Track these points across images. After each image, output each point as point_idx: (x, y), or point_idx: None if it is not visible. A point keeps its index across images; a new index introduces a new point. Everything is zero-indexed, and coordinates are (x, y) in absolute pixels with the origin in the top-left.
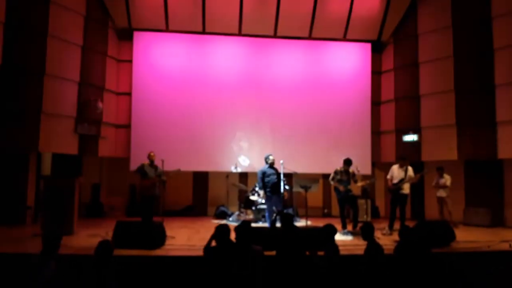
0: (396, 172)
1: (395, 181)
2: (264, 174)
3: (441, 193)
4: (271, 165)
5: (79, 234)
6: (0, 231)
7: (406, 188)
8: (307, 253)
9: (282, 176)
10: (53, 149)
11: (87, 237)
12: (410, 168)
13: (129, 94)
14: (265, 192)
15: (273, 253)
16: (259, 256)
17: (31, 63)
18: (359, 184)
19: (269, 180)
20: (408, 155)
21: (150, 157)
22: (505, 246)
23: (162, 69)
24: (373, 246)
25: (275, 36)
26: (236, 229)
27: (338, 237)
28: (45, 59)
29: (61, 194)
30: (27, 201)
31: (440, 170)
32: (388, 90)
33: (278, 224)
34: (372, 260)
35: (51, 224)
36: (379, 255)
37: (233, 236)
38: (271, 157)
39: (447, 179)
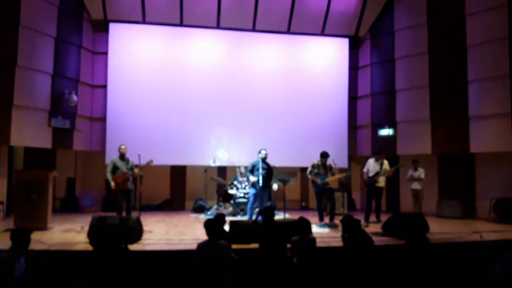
0: (372, 165)
1: (370, 174)
2: (253, 167)
3: (416, 185)
4: (263, 160)
5: (53, 229)
6: None
7: (381, 181)
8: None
9: (261, 170)
10: (25, 143)
11: (61, 233)
12: (385, 162)
13: (104, 86)
14: (253, 184)
15: (252, 246)
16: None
17: (1, 54)
18: (336, 177)
19: (258, 174)
20: (384, 149)
21: (120, 151)
22: (476, 237)
23: (139, 62)
24: (355, 238)
25: (253, 30)
26: (209, 222)
27: (315, 229)
28: (17, 50)
29: (34, 188)
30: None
31: (416, 162)
32: (364, 85)
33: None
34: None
35: (23, 220)
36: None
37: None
38: (263, 152)
39: (421, 172)
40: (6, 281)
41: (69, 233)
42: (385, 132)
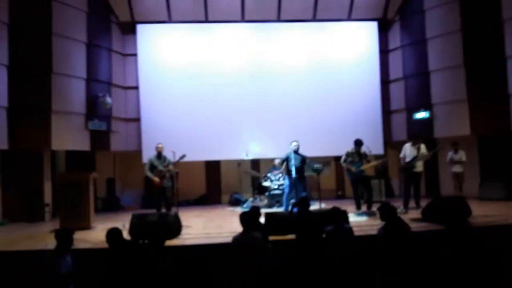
0: (408, 150)
1: (408, 159)
2: (287, 158)
3: (457, 168)
4: (295, 151)
5: (96, 228)
6: (20, 228)
7: (419, 166)
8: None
9: (294, 161)
10: (65, 146)
11: (104, 231)
12: (422, 146)
13: (136, 87)
14: (289, 176)
15: (289, 237)
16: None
17: (37, 63)
18: (371, 164)
19: (291, 165)
20: (420, 133)
21: (157, 149)
22: None
23: (168, 60)
24: (392, 226)
25: (278, 20)
26: (243, 214)
27: (353, 218)
28: (51, 58)
29: (75, 190)
30: (44, 198)
31: (456, 145)
32: (396, 68)
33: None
34: (392, 240)
35: (68, 220)
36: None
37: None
38: (293, 143)
39: (462, 154)
40: (53, 278)
41: None
42: (421, 115)
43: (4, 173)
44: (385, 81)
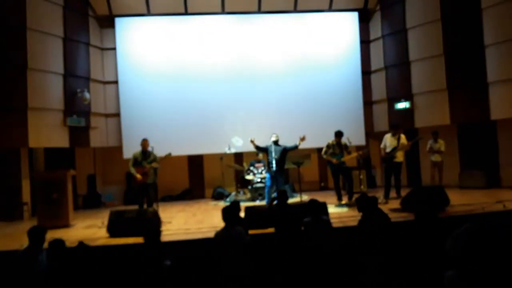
0: (389, 140)
1: (388, 150)
2: (266, 150)
3: (436, 157)
4: (275, 143)
5: (76, 226)
6: None
7: (399, 156)
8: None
9: (275, 154)
10: (43, 144)
11: (83, 229)
12: (403, 136)
13: (115, 82)
14: (268, 169)
15: (269, 231)
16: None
17: (11, 58)
18: (353, 155)
19: (271, 158)
20: (401, 123)
21: (141, 145)
22: (499, 207)
23: (147, 54)
24: (368, 217)
25: (259, 11)
26: (224, 210)
27: (333, 209)
28: (26, 53)
29: (53, 188)
30: (22, 197)
31: (435, 134)
32: (377, 59)
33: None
34: (367, 230)
35: (46, 218)
36: (377, 225)
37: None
38: (273, 135)
39: (441, 144)
40: (26, 276)
41: (91, 229)
42: (402, 105)
43: None
44: (366, 72)
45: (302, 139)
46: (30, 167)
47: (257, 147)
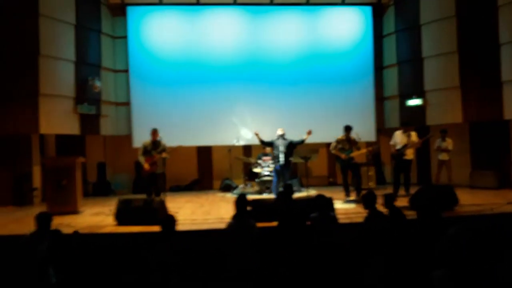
0: (399, 137)
1: (398, 147)
2: (272, 144)
3: (443, 156)
4: (281, 137)
5: (84, 213)
6: (8, 212)
7: (409, 154)
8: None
9: (282, 148)
10: (54, 130)
11: (91, 216)
12: (413, 133)
13: (126, 71)
14: (274, 163)
15: (274, 224)
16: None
17: (24, 45)
18: (362, 151)
19: (277, 152)
20: (413, 120)
21: (151, 134)
22: (509, 208)
23: (158, 43)
24: (374, 214)
25: (271, 3)
26: (238, 202)
27: (341, 205)
28: (38, 40)
29: (62, 174)
30: (32, 183)
31: (443, 133)
32: (390, 54)
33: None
34: (372, 227)
35: (55, 204)
36: (380, 223)
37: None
38: (279, 130)
39: (449, 143)
40: (30, 260)
41: (99, 216)
42: (413, 102)
43: None
44: (378, 67)
45: (309, 133)
46: (41, 154)
47: (262, 141)
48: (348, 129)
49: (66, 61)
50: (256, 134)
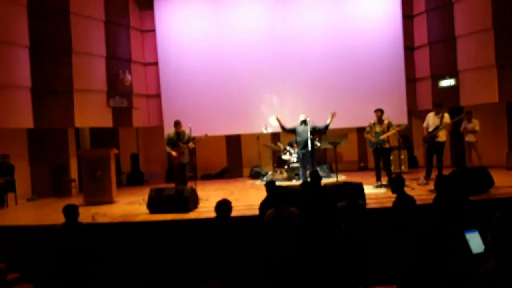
0: (431, 119)
1: (430, 129)
2: (294, 131)
3: (470, 137)
4: (302, 122)
5: (118, 202)
6: (48, 204)
7: (442, 136)
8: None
9: (309, 133)
10: (88, 124)
11: (125, 205)
12: (446, 115)
13: (156, 63)
14: (299, 150)
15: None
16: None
17: (57, 42)
18: (390, 132)
19: (299, 139)
20: (446, 101)
21: (174, 126)
22: None
23: (186, 35)
24: (402, 199)
25: None
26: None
27: (371, 190)
28: (71, 37)
29: (97, 165)
30: (70, 174)
31: (469, 114)
32: (421, 34)
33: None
34: (400, 212)
35: (91, 195)
36: (408, 207)
37: None
38: (301, 116)
39: (475, 124)
40: (61, 250)
41: (133, 205)
42: (446, 82)
43: (32, 150)
44: (409, 48)
45: (333, 115)
46: (77, 147)
47: (283, 128)
48: (377, 111)
49: (98, 56)
50: (278, 120)
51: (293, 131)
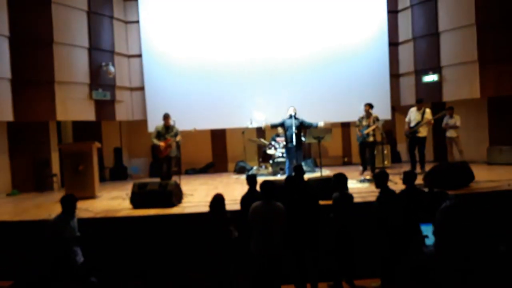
0: (413, 115)
1: (412, 124)
2: (283, 125)
3: (451, 133)
4: (291, 116)
5: (101, 197)
6: (29, 198)
7: (423, 131)
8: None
9: (294, 128)
10: (70, 117)
11: (108, 200)
12: (427, 111)
13: (139, 55)
14: (286, 144)
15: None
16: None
17: (38, 32)
18: (371, 127)
19: (289, 133)
20: (429, 97)
21: (163, 119)
22: None
23: (171, 28)
24: (385, 193)
25: None
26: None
27: (354, 184)
28: (52, 27)
29: (79, 160)
30: (51, 168)
31: (450, 109)
32: (405, 29)
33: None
34: (384, 207)
35: (73, 189)
36: (392, 202)
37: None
38: (290, 109)
39: (456, 119)
40: (58, 242)
41: (116, 200)
42: (430, 78)
43: (12, 144)
44: (393, 43)
45: (327, 126)
46: (59, 140)
47: (273, 125)
48: (366, 105)
49: (80, 47)
50: (268, 127)
51: (281, 124)
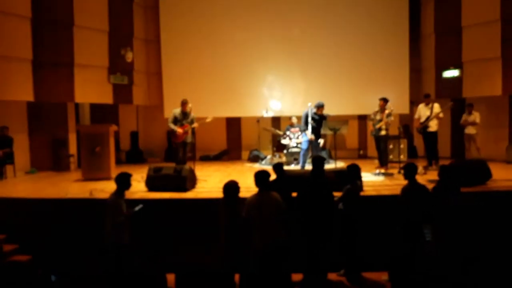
0: (422, 110)
1: (422, 120)
2: (306, 117)
3: (470, 130)
4: (314, 112)
5: None
6: (46, 177)
7: (433, 126)
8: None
9: (309, 120)
10: (88, 99)
11: None
12: (436, 105)
13: (158, 41)
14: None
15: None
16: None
17: (59, 14)
18: (383, 122)
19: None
20: (449, 92)
21: (182, 105)
22: None
23: (190, 13)
24: (413, 186)
25: None
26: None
27: (369, 177)
28: (72, 10)
29: (96, 141)
30: (69, 149)
31: (470, 106)
32: (427, 23)
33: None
34: (410, 200)
35: (89, 170)
36: (420, 195)
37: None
38: (309, 104)
39: (476, 116)
40: (118, 217)
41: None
42: (450, 73)
43: (32, 124)
44: (415, 37)
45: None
46: (77, 122)
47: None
48: (380, 100)
49: (100, 31)
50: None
51: (305, 117)
